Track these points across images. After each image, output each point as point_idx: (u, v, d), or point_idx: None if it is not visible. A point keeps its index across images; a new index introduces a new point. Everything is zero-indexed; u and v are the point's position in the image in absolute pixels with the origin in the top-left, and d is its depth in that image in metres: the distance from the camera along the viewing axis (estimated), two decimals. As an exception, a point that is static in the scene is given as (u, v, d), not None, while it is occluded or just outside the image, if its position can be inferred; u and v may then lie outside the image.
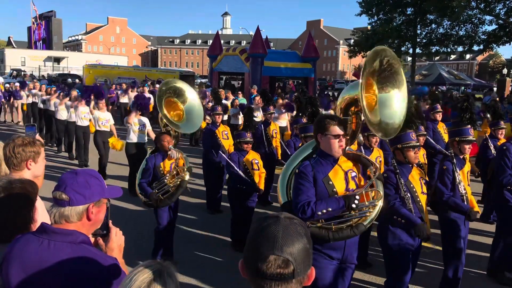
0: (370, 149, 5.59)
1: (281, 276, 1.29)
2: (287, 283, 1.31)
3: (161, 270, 1.47)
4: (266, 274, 1.29)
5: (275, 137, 8.18)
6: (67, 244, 1.85)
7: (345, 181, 3.32)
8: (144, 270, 1.46)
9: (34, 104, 14.56)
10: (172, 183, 5.20)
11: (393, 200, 3.88)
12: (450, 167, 4.45)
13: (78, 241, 1.87)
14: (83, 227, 1.94)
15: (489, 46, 27.22)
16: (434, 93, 11.01)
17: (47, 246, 1.84)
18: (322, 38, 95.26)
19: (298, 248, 1.31)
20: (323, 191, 3.25)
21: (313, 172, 3.27)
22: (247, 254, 1.36)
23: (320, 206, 3.15)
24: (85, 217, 1.92)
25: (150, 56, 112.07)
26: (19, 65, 48.33)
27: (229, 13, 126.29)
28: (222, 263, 5.58)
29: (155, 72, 28.37)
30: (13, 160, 2.62)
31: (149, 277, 1.44)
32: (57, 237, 1.86)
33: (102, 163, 9.62)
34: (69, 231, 1.89)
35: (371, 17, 30.98)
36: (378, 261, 5.34)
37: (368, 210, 3.25)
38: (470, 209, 4.30)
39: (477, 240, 6.32)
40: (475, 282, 5.15)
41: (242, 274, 1.40)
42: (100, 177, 2.02)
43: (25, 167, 2.66)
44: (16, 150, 2.62)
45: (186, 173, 5.26)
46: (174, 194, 5.18)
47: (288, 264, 1.29)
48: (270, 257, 1.28)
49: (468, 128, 4.61)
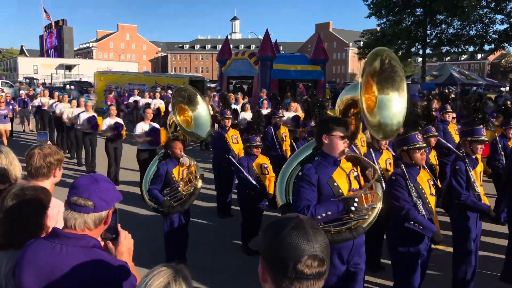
0: (380, 151, 5.55)
1: (319, 274, 1.31)
2: (320, 281, 1.33)
3: (176, 274, 1.47)
4: (305, 275, 1.29)
5: (285, 141, 8.16)
6: (80, 248, 1.87)
7: (348, 182, 3.32)
8: (160, 274, 1.46)
9: (45, 112, 14.72)
10: (186, 190, 5.17)
11: (407, 205, 3.81)
12: (463, 167, 4.40)
13: (90, 245, 1.89)
14: (96, 232, 1.96)
15: (500, 46, 26.94)
16: (444, 94, 10.89)
17: (59, 251, 1.86)
18: (331, 40, 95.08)
19: (326, 244, 1.35)
20: (328, 193, 3.25)
21: (317, 175, 3.26)
22: (274, 258, 1.33)
23: (320, 209, 3.15)
24: (103, 222, 1.95)
25: (160, 62, 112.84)
26: (31, 73, 48.90)
27: (238, 17, 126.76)
28: (233, 267, 5.56)
29: (165, 77, 28.48)
30: (43, 170, 2.64)
31: (164, 281, 1.44)
32: (70, 242, 1.87)
33: (112, 170, 9.60)
34: (81, 236, 1.90)
35: (380, 19, 30.85)
36: (390, 264, 5.29)
37: (367, 213, 3.22)
38: (489, 208, 4.26)
39: (489, 241, 6.22)
40: (487, 284, 5.07)
41: (262, 279, 1.39)
42: (111, 181, 2.07)
43: (52, 175, 2.70)
44: (47, 159, 2.64)
45: (199, 180, 5.23)
46: (187, 202, 5.14)
47: (324, 261, 1.32)
48: (309, 257, 1.29)
49: (480, 128, 4.55)
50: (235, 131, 7.93)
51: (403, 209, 3.78)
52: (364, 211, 3.22)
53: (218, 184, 7.84)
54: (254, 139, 6.05)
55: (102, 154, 9.98)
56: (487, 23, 26.81)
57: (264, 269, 1.38)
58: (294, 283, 1.30)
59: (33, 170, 2.65)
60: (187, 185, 5.22)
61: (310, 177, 3.26)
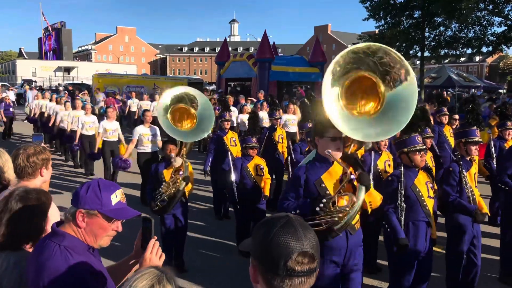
0: (379, 152, 5.56)
1: (309, 271, 1.31)
2: (311, 278, 1.34)
3: (160, 276, 1.47)
4: (296, 272, 1.29)
5: (282, 143, 8.17)
6: (55, 244, 1.91)
7: (339, 184, 3.28)
8: (144, 276, 1.46)
9: (41, 114, 14.72)
10: (168, 192, 5.12)
11: (386, 206, 3.92)
12: (456, 168, 4.41)
13: (62, 244, 1.91)
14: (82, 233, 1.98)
15: (498, 48, 26.97)
16: (441, 96, 10.91)
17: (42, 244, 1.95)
18: (330, 43, 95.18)
19: (316, 241, 1.35)
20: (314, 193, 3.28)
21: (306, 175, 3.33)
22: (265, 257, 1.34)
23: (292, 206, 3.28)
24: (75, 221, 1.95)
25: (159, 64, 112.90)
26: (30, 76, 48.90)
27: (236, 20, 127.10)
28: (230, 268, 5.57)
29: (164, 80, 28.52)
30: (27, 169, 2.66)
31: (148, 283, 1.44)
32: (52, 237, 1.94)
33: (108, 174, 9.58)
34: (61, 232, 1.94)
35: (378, 21, 30.88)
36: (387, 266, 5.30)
37: (337, 215, 3.14)
38: (476, 209, 4.26)
39: (485, 243, 6.22)
40: (486, 285, 5.08)
41: (253, 278, 1.40)
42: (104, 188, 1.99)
43: (38, 174, 2.71)
44: (30, 159, 2.66)
45: (182, 183, 5.13)
46: (169, 204, 5.09)
47: (314, 258, 1.32)
48: (299, 254, 1.29)
49: (474, 129, 4.57)
50: (233, 133, 7.93)
51: (385, 210, 3.91)
52: (334, 212, 3.16)
53: (215, 186, 7.85)
54: (250, 140, 6.06)
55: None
56: (485, 25, 26.82)
57: (255, 269, 1.38)
58: (285, 281, 1.30)
59: (19, 170, 2.68)
60: (170, 187, 5.17)
61: (297, 176, 3.37)
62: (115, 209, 1.97)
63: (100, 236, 1.99)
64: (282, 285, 1.31)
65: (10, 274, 2.08)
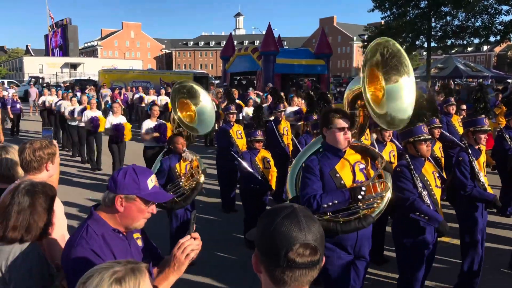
0: (384, 143, 5.54)
1: (311, 263, 1.28)
2: (313, 271, 1.31)
3: (130, 270, 1.40)
4: (297, 263, 1.26)
5: (286, 135, 8.16)
6: (87, 224, 2.05)
7: (353, 173, 3.30)
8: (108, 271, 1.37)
9: (49, 110, 14.80)
10: (188, 185, 5.17)
11: (412, 196, 3.77)
12: (466, 157, 4.38)
13: (90, 225, 2.04)
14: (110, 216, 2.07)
15: (506, 37, 26.64)
16: (448, 86, 10.81)
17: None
18: (335, 35, 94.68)
19: (320, 234, 1.32)
20: (330, 184, 3.25)
21: (320, 166, 3.28)
22: (266, 247, 1.32)
23: (326, 198, 3.14)
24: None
25: (164, 59, 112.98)
26: (37, 73, 49.12)
27: (241, 13, 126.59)
28: (237, 261, 5.59)
29: (169, 74, 28.52)
30: (33, 164, 2.67)
31: (109, 277, 1.35)
32: (89, 219, 2.08)
33: (116, 168, 9.63)
34: (96, 215, 2.08)
35: (384, 12, 30.63)
36: (394, 257, 5.28)
37: (376, 202, 3.22)
38: (495, 197, 4.24)
39: (494, 233, 6.19)
40: (494, 275, 5.05)
41: (255, 268, 1.38)
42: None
43: (44, 169, 2.72)
44: (36, 153, 2.66)
45: (201, 175, 5.22)
46: (189, 197, 5.13)
47: (316, 250, 1.29)
48: (301, 245, 1.27)
49: (482, 118, 4.53)
50: (239, 126, 7.93)
51: (408, 200, 3.74)
52: (372, 199, 3.20)
53: (222, 179, 7.85)
54: (256, 134, 6.05)
55: (107, 152, 10.02)
56: (493, 14, 26.47)
57: (257, 259, 1.37)
58: (286, 272, 1.28)
59: (25, 164, 2.69)
60: (189, 180, 5.21)
61: (312, 168, 3.28)
62: (152, 192, 2.06)
63: (138, 218, 2.08)
64: (283, 276, 1.29)
65: (18, 267, 2.10)
